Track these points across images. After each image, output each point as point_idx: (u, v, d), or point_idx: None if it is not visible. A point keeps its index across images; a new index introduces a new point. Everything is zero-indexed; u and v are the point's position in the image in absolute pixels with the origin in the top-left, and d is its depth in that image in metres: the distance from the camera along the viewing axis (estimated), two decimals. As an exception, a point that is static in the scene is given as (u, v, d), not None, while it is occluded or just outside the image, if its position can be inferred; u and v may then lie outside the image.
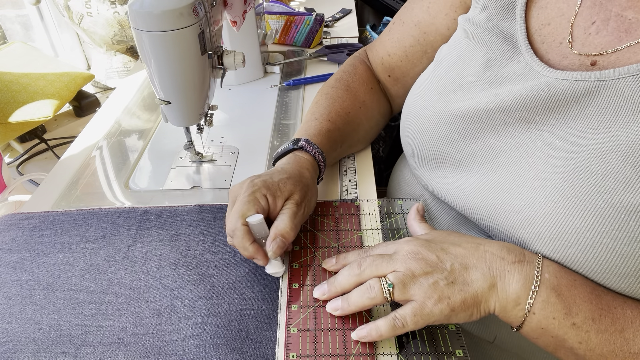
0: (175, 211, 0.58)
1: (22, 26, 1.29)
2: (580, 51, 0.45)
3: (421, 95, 0.57)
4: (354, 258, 0.47)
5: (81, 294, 0.49)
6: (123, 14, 1.13)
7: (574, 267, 0.41)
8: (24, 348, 0.44)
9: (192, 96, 0.59)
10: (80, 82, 1.00)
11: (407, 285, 0.41)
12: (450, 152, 0.52)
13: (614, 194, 0.39)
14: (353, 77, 0.69)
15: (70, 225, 0.57)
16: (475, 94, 0.50)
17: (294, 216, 0.49)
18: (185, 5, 0.51)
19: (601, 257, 0.40)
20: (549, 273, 0.40)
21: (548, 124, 0.44)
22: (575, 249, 0.41)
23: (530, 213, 0.43)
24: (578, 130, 0.42)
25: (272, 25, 1.04)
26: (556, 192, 0.42)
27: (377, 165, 0.69)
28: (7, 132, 0.89)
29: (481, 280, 0.40)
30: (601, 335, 0.38)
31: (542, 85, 0.44)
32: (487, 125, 0.49)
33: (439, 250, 0.43)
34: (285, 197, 0.50)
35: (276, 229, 0.48)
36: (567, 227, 0.41)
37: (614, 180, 0.39)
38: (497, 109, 0.47)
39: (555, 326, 0.39)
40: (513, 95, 0.46)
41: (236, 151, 0.72)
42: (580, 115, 0.42)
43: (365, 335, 0.42)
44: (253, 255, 0.48)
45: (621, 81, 0.40)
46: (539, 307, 0.39)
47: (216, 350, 0.43)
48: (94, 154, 0.73)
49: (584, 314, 0.39)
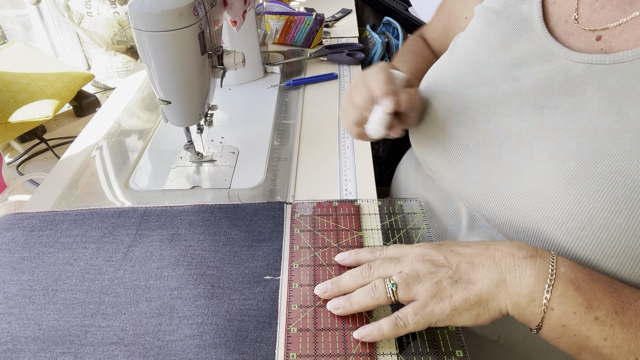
0: (175, 211, 0.58)
1: (22, 26, 1.29)
2: (586, 27, 0.45)
3: (434, 81, 0.58)
4: (366, 256, 0.47)
5: (81, 294, 0.49)
6: (123, 14, 1.13)
7: (587, 249, 0.41)
8: (24, 348, 0.44)
9: (192, 96, 0.59)
10: (80, 82, 0.99)
11: (410, 285, 0.41)
12: (459, 136, 0.52)
13: (627, 174, 0.39)
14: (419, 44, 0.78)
15: (70, 225, 0.57)
16: (492, 77, 0.51)
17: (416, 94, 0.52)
18: (185, 5, 0.51)
19: (614, 238, 0.39)
20: (564, 267, 0.39)
21: (561, 107, 0.45)
22: (588, 230, 0.40)
23: (544, 196, 0.43)
24: (590, 112, 0.43)
25: (272, 25, 1.04)
26: (569, 174, 0.42)
27: (377, 165, 0.69)
28: (7, 132, 0.89)
29: (487, 278, 0.39)
30: (627, 329, 0.36)
31: (560, 69, 0.45)
32: (500, 110, 0.49)
33: (447, 252, 0.43)
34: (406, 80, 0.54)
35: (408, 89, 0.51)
36: (580, 209, 0.40)
37: (626, 161, 0.39)
38: (515, 93, 0.48)
39: (577, 322, 0.37)
40: (533, 80, 0.47)
41: (236, 151, 0.72)
42: (593, 97, 0.43)
43: (367, 334, 0.41)
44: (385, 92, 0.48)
45: (635, 62, 0.41)
46: (557, 301, 0.37)
47: (216, 350, 0.43)
48: (94, 154, 0.73)
49: (606, 307, 0.37)
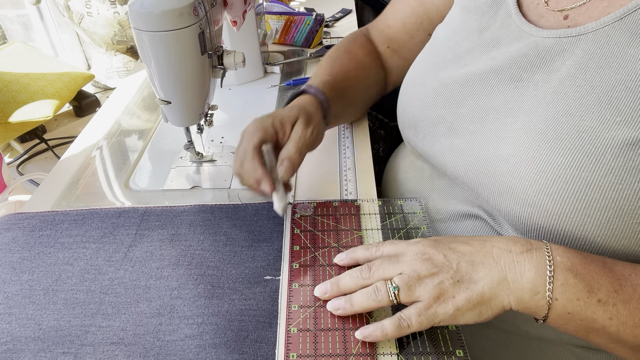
0: (175, 211, 0.58)
1: (22, 26, 1.29)
2: (555, 8, 0.49)
3: (420, 69, 0.62)
4: (363, 254, 0.48)
5: (81, 294, 0.49)
6: (123, 14, 1.13)
7: (557, 204, 0.43)
8: (24, 348, 0.44)
9: (192, 96, 0.59)
10: (80, 82, 1.00)
11: (412, 287, 0.41)
12: (444, 115, 0.55)
13: (591, 131, 0.42)
14: (353, 43, 0.74)
15: (70, 225, 0.57)
16: (472, 60, 0.54)
17: (299, 140, 0.54)
18: (185, 5, 0.51)
19: (581, 191, 0.42)
20: (560, 256, 0.40)
21: (533, 79, 0.48)
22: (557, 186, 0.43)
23: (517, 159, 0.46)
24: (558, 81, 0.46)
25: (272, 25, 1.04)
26: (539, 136, 0.45)
27: (377, 165, 0.69)
28: (7, 132, 0.89)
29: (488, 277, 0.40)
30: (628, 305, 0.38)
31: (531, 44, 0.48)
32: (480, 87, 0.52)
33: (446, 250, 0.43)
34: (292, 122, 0.55)
35: (282, 153, 0.53)
36: (549, 166, 0.43)
37: (590, 120, 0.42)
38: (490, 70, 0.51)
39: (581, 307, 0.38)
40: (507, 56, 0.50)
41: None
42: (561, 67, 0.46)
43: (369, 334, 0.41)
44: (260, 179, 0.50)
45: (597, 32, 0.44)
46: (559, 291, 0.39)
47: (216, 350, 0.43)
48: (94, 154, 0.73)
49: (606, 287, 0.38)
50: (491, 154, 0.48)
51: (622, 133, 0.41)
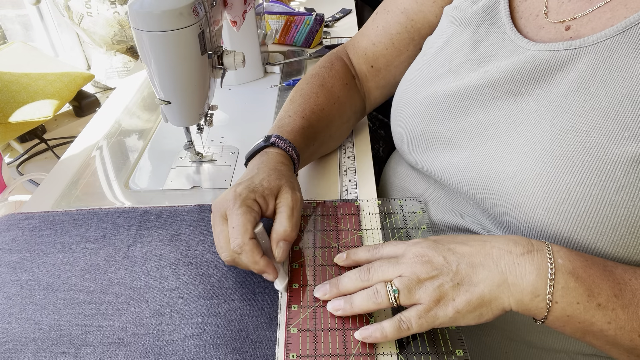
0: (175, 211, 0.58)
1: (22, 26, 1.29)
2: (556, 19, 0.48)
3: (412, 82, 0.60)
4: (364, 255, 0.47)
5: (81, 294, 0.49)
6: (123, 14, 1.13)
7: (567, 223, 0.42)
8: (24, 348, 0.44)
9: (192, 96, 0.59)
10: (80, 82, 1.00)
11: (412, 290, 0.41)
12: (441, 131, 0.54)
13: (599, 147, 0.41)
14: (329, 72, 0.68)
15: (70, 225, 0.57)
16: (465, 74, 0.53)
17: (291, 215, 0.48)
18: (185, 5, 0.51)
19: (592, 209, 0.41)
20: (561, 258, 0.40)
21: (533, 93, 0.47)
22: (567, 204, 0.42)
23: (523, 176, 0.45)
24: (561, 94, 0.45)
25: (272, 25, 1.04)
26: (545, 153, 0.44)
27: (377, 165, 0.69)
28: (7, 132, 0.89)
29: (488, 279, 0.40)
30: (627, 310, 0.38)
31: (528, 58, 0.47)
32: (476, 102, 0.51)
33: (445, 251, 0.42)
34: (274, 194, 0.49)
35: (276, 233, 0.47)
36: (558, 184, 0.43)
37: (598, 135, 0.42)
38: (485, 84, 0.50)
39: (580, 311, 0.38)
40: (501, 70, 0.49)
41: (236, 151, 0.72)
42: (563, 81, 0.45)
43: (369, 335, 0.41)
44: (264, 269, 0.46)
45: (600, 45, 0.43)
46: (560, 294, 0.38)
47: (216, 350, 0.43)
48: (94, 154, 0.73)
49: (606, 292, 0.38)
50: (495, 171, 0.47)
51: (632, 148, 0.40)
